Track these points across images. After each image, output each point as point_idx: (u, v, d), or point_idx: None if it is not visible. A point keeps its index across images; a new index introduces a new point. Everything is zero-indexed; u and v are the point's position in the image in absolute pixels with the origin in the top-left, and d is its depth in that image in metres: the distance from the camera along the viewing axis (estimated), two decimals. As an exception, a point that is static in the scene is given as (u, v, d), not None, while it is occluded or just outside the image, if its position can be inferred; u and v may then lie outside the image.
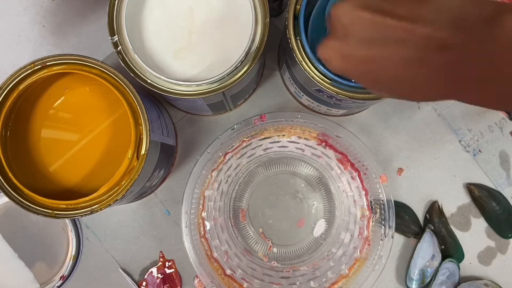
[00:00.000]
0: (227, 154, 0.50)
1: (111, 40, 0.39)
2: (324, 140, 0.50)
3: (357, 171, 0.50)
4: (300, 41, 0.39)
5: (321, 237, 0.53)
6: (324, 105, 0.48)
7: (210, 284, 0.48)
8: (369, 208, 0.50)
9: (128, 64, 0.39)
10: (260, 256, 0.53)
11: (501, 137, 0.55)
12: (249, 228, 0.54)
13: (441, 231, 0.54)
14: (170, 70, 0.40)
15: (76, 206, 0.38)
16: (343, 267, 0.50)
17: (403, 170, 0.55)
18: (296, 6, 0.39)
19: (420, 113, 0.55)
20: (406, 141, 0.55)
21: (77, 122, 0.41)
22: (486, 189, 0.54)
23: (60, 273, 0.52)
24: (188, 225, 0.48)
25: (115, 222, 0.54)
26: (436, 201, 0.54)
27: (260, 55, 0.39)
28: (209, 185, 0.50)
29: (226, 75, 0.38)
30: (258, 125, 0.48)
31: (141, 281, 0.54)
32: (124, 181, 0.38)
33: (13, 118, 0.39)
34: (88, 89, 0.41)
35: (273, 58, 0.55)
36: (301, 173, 0.54)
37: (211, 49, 0.40)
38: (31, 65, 0.38)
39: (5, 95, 0.37)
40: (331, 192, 0.54)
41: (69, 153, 0.41)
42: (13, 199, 0.38)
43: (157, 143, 0.43)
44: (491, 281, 0.53)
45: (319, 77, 0.40)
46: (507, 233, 0.54)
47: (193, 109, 0.53)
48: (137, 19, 0.40)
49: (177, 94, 0.39)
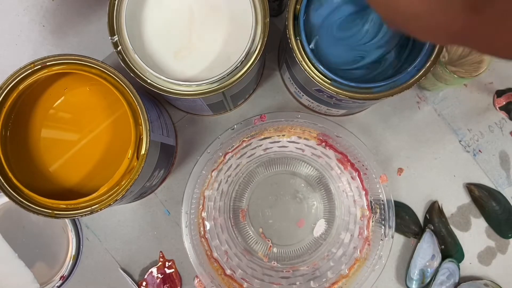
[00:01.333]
0: (227, 154, 0.50)
1: (111, 40, 0.39)
2: (324, 140, 0.50)
3: (357, 171, 0.50)
4: (300, 41, 0.39)
5: (321, 237, 0.53)
6: (324, 105, 0.48)
7: (210, 284, 0.48)
8: (369, 208, 0.50)
9: (128, 64, 0.39)
10: (260, 256, 0.53)
11: (501, 137, 0.55)
12: (249, 228, 0.54)
13: (441, 231, 0.54)
14: (170, 70, 0.40)
15: (76, 206, 0.38)
16: (343, 267, 0.50)
17: (403, 170, 0.55)
18: (296, 6, 0.39)
19: (420, 113, 0.55)
20: (406, 141, 0.55)
21: (77, 122, 0.41)
22: (486, 189, 0.54)
23: (60, 273, 0.52)
24: (188, 225, 0.48)
25: (115, 222, 0.54)
26: (436, 201, 0.54)
27: (260, 55, 0.39)
28: (209, 185, 0.50)
29: (226, 75, 0.38)
30: (258, 125, 0.48)
31: (141, 281, 0.54)
32: (124, 181, 0.38)
33: (13, 118, 0.39)
34: (88, 89, 0.41)
35: (273, 58, 0.55)
36: (301, 173, 0.54)
37: (211, 49, 0.40)
38: (31, 65, 0.38)
39: (5, 95, 0.37)
40: (331, 192, 0.54)
41: (69, 153, 0.41)
42: (13, 199, 0.38)
43: (157, 143, 0.43)
44: (491, 281, 0.53)
45: (319, 77, 0.40)
46: (507, 233, 0.54)
47: (193, 109, 0.53)
48: (137, 19, 0.40)
49: (177, 94, 0.39)
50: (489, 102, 0.56)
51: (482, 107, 0.55)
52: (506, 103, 0.55)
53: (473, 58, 0.49)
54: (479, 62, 0.49)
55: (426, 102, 0.55)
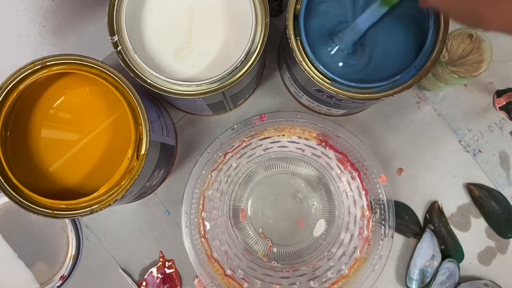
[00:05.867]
0: (227, 154, 0.50)
1: (111, 40, 0.39)
2: (324, 140, 0.50)
3: (357, 171, 0.50)
4: (300, 41, 0.39)
5: (321, 237, 0.53)
6: (324, 105, 0.48)
7: (210, 284, 0.48)
8: (369, 208, 0.50)
9: (128, 64, 0.39)
10: (260, 256, 0.53)
11: (501, 137, 0.55)
12: (249, 228, 0.54)
13: (441, 231, 0.54)
14: (170, 70, 0.40)
15: (76, 206, 0.38)
16: (343, 267, 0.50)
17: (403, 170, 0.55)
18: (296, 6, 0.39)
19: (420, 113, 0.55)
20: (406, 141, 0.55)
21: (77, 122, 0.41)
22: (486, 189, 0.54)
23: (60, 273, 0.52)
24: (188, 225, 0.48)
25: (115, 222, 0.54)
26: (436, 201, 0.54)
27: (260, 55, 0.39)
28: (209, 185, 0.50)
29: (226, 75, 0.38)
30: (258, 125, 0.48)
31: (141, 281, 0.54)
32: (124, 181, 0.38)
33: (13, 118, 0.39)
34: (88, 89, 0.41)
35: (273, 58, 0.55)
36: (301, 173, 0.54)
37: (211, 49, 0.40)
38: (31, 65, 0.38)
39: (5, 95, 0.37)
40: (331, 192, 0.53)
41: (69, 153, 0.41)
42: (13, 199, 0.38)
43: (157, 143, 0.43)
44: (491, 281, 0.53)
45: (319, 77, 0.40)
46: (507, 233, 0.54)
47: (193, 109, 0.53)
48: (137, 19, 0.40)
49: (177, 94, 0.39)
50: (489, 102, 0.56)
51: (482, 107, 0.55)
52: (506, 103, 0.55)
53: (473, 58, 0.49)
54: (479, 62, 0.49)
55: (426, 102, 0.55)
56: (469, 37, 0.49)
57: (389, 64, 0.40)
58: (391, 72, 0.40)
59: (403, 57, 0.40)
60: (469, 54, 0.49)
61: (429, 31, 0.38)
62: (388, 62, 0.40)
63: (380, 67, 0.40)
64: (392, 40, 0.40)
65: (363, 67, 0.41)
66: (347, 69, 0.41)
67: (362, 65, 0.41)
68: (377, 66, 0.40)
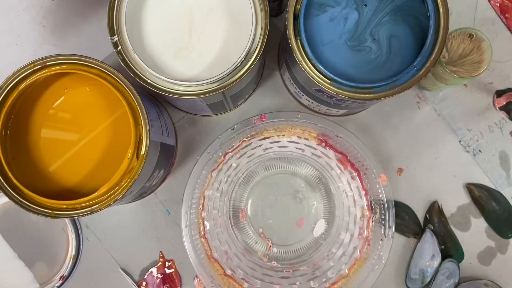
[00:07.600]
0: (227, 154, 0.50)
1: (111, 40, 0.39)
2: (324, 140, 0.50)
3: (357, 171, 0.50)
4: (300, 41, 0.39)
5: (321, 237, 0.53)
6: (324, 105, 0.48)
7: (210, 284, 0.48)
8: (369, 208, 0.50)
9: (128, 64, 0.39)
10: (260, 256, 0.53)
11: (501, 137, 0.55)
12: (249, 228, 0.54)
13: (441, 231, 0.54)
14: (170, 70, 0.40)
15: (76, 206, 0.38)
16: (343, 267, 0.50)
17: (403, 170, 0.55)
18: (296, 6, 0.39)
19: (420, 113, 0.55)
20: (406, 141, 0.55)
21: (77, 122, 0.41)
22: (486, 189, 0.54)
23: (60, 273, 0.52)
24: (188, 225, 0.48)
25: (115, 222, 0.54)
26: (436, 201, 0.54)
27: (260, 55, 0.39)
28: (209, 185, 0.50)
29: (226, 75, 0.38)
30: (258, 125, 0.48)
31: (141, 281, 0.54)
32: (124, 181, 0.38)
33: (13, 118, 0.39)
34: (88, 89, 0.41)
35: (273, 58, 0.55)
36: (301, 173, 0.54)
37: (211, 49, 0.40)
38: (31, 65, 0.38)
39: (5, 95, 0.37)
40: (331, 192, 0.54)
41: (69, 153, 0.41)
42: (13, 199, 0.38)
43: (157, 143, 0.43)
44: (491, 281, 0.53)
45: (319, 77, 0.40)
46: (507, 233, 0.54)
47: (193, 109, 0.53)
48: (137, 19, 0.40)
49: (177, 94, 0.39)
50: (489, 102, 0.56)
51: (482, 107, 0.55)
52: (506, 103, 0.55)
53: (473, 58, 0.49)
54: (479, 62, 0.49)
55: (426, 102, 0.55)
56: (469, 37, 0.49)
57: (389, 64, 0.40)
58: (391, 72, 0.40)
59: (403, 57, 0.40)
60: (469, 54, 0.49)
61: (429, 31, 0.38)
62: (388, 62, 0.40)
63: (380, 66, 0.40)
64: (392, 39, 0.40)
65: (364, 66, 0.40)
66: (347, 69, 0.41)
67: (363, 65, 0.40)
68: (377, 66, 0.40)
